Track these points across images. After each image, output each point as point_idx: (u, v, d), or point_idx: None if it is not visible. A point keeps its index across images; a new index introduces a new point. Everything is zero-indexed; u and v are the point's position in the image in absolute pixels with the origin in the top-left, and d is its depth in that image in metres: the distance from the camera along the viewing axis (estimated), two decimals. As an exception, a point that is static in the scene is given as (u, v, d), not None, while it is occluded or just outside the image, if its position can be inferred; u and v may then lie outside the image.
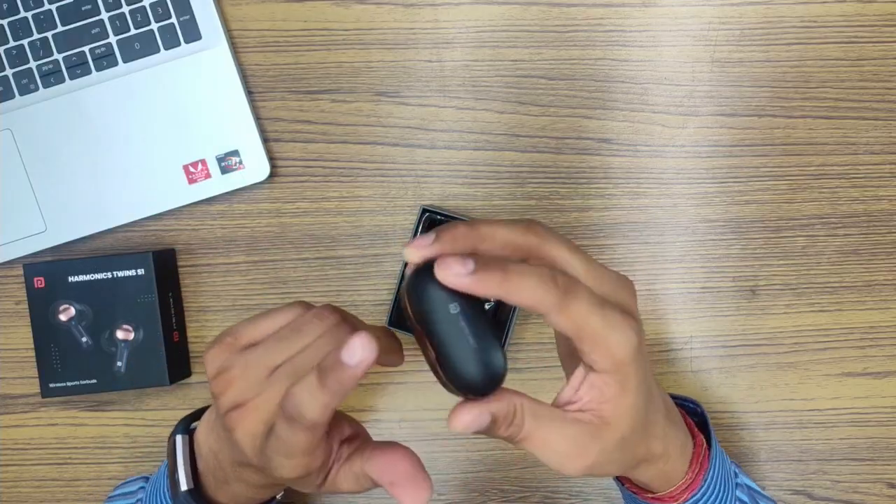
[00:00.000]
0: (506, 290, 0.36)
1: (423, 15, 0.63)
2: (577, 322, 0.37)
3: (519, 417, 0.38)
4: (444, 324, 0.36)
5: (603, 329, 0.37)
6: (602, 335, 0.37)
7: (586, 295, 0.37)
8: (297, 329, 0.41)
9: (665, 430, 0.44)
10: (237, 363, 0.41)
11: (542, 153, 0.64)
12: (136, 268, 0.61)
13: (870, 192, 0.64)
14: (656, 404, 0.43)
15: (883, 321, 0.65)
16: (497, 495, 0.66)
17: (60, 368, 0.62)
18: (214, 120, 0.63)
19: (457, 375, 0.37)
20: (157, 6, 0.62)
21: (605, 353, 0.38)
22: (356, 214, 0.64)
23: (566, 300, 0.36)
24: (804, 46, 0.63)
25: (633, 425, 0.40)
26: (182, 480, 0.47)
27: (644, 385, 0.40)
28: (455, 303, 0.36)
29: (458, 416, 0.37)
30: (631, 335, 0.38)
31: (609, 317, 0.37)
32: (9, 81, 0.63)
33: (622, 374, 0.38)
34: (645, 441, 0.42)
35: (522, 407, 0.38)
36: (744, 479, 0.53)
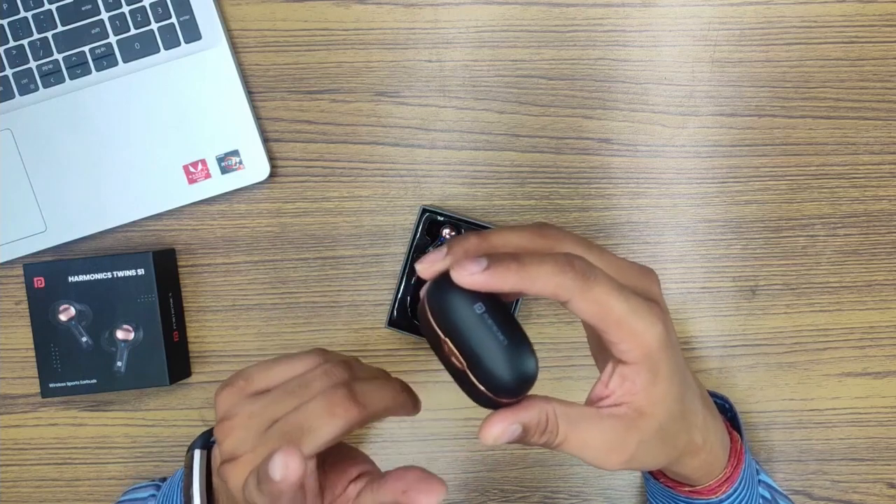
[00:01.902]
0: (523, 279, 0.35)
1: (423, 15, 0.63)
2: (601, 307, 0.36)
3: (552, 424, 0.38)
4: (472, 325, 0.35)
5: (628, 315, 0.37)
6: (627, 321, 0.37)
7: (607, 280, 0.37)
8: (304, 384, 0.41)
9: (705, 421, 0.43)
10: (242, 411, 0.41)
11: (542, 153, 0.64)
12: (136, 268, 0.61)
13: (870, 192, 0.64)
14: (693, 394, 0.42)
15: (883, 321, 0.65)
16: (497, 495, 0.66)
17: (60, 368, 0.62)
18: (214, 120, 0.63)
19: (490, 375, 0.36)
20: (157, 6, 0.62)
21: (633, 340, 0.37)
22: (356, 214, 0.64)
23: (587, 284, 0.36)
24: (804, 46, 0.63)
25: (669, 414, 0.39)
26: (196, 496, 0.47)
27: (678, 374, 0.39)
28: (479, 303, 0.36)
29: (489, 427, 0.37)
30: (657, 322, 0.37)
31: (633, 303, 0.37)
32: (9, 81, 0.63)
33: (652, 361, 0.38)
34: (686, 431, 0.42)
35: (555, 413, 0.38)
36: (764, 477, 0.53)
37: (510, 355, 0.36)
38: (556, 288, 0.36)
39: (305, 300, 0.65)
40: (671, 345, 0.39)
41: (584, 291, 0.36)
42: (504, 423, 0.36)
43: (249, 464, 0.40)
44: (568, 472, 0.65)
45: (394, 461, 0.65)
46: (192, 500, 0.47)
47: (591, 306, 0.36)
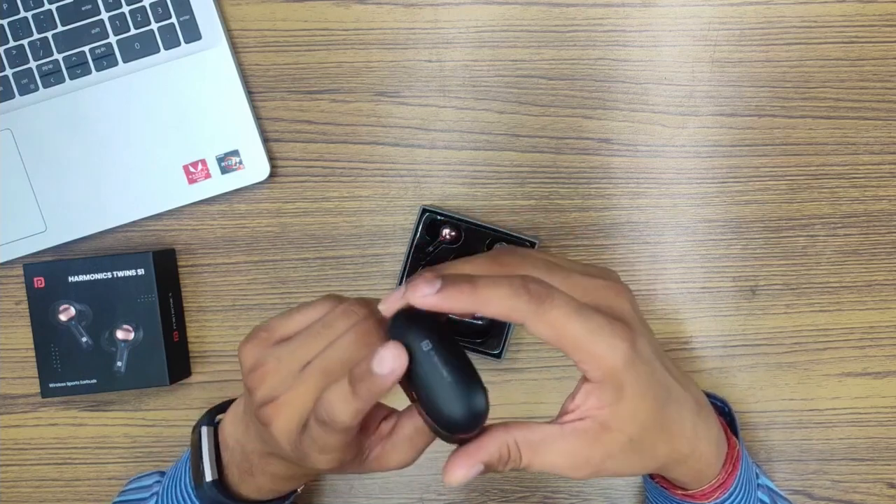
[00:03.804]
0: (475, 301, 0.36)
1: (423, 15, 0.63)
2: (557, 329, 0.37)
3: (514, 454, 0.39)
4: (420, 362, 0.36)
5: (586, 336, 0.37)
6: (586, 343, 0.37)
7: (564, 301, 0.37)
8: (328, 325, 0.41)
9: (695, 430, 0.43)
10: (270, 358, 0.41)
11: (542, 153, 0.64)
12: (136, 268, 0.61)
13: (870, 192, 0.64)
14: (679, 404, 0.42)
15: (883, 321, 0.65)
16: (497, 495, 0.66)
17: (60, 368, 0.62)
18: (214, 120, 0.63)
19: (440, 413, 0.36)
20: (157, 6, 0.62)
21: (592, 361, 0.38)
22: (356, 214, 0.64)
23: (542, 307, 0.36)
24: (804, 46, 0.63)
25: (642, 427, 0.40)
26: (207, 471, 0.47)
27: (652, 388, 0.39)
28: (427, 340, 0.36)
29: (451, 471, 0.38)
30: (618, 342, 0.38)
31: (592, 323, 0.37)
32: (9, 81, 0.63)
33: (615, 380, 0.38)
34: (666, 442, 0.41)
35: (515, 443, 0.39)
36: (764, 480, 0.53)
37: (456, 393, 0.36)
38: (509, 311, 0.36)
39: (305, 300, 0.65)
40: (641, 361, 0.39)
41: (539, 315, 0.36)
42: (465, 466, 0.38)
43: (290, 404, 0.40)
44: (568, 472, 0.65)
45: (394, 461, 0.65)
46: (203, 474, 0.47)
47: (547, 329, 0.37)
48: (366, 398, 0.37)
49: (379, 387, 0.36)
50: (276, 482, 0.47)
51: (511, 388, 0.65)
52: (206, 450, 0.48)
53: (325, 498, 0.66)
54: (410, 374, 0.36)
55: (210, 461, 0.48)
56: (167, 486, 0.52)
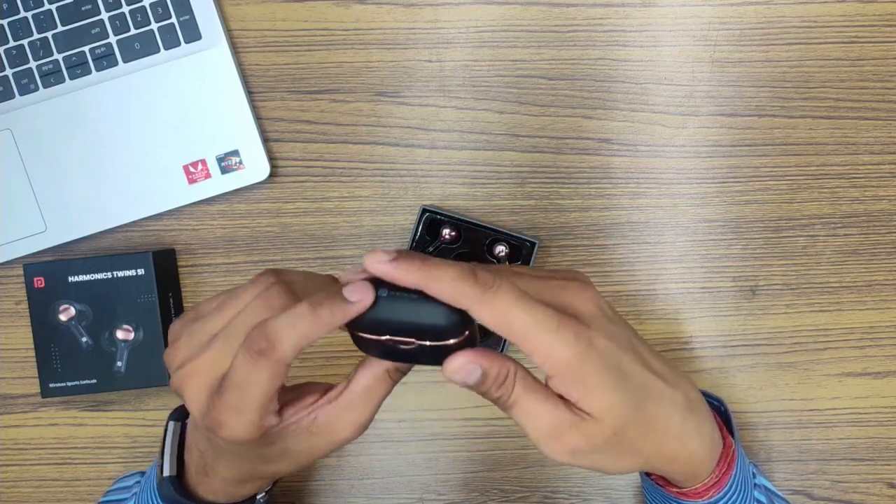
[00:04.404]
0: (423, 277, 0.37)
1: (423, 15, 0.63)
2: (502, 317, 0.37)
3: (510, 382, 0.39)
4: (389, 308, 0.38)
5: (531, 326, 0.37)
6: (532, 335, 0.38)
7: (511, 291, 0.38)
8: (236, 296, 0.41)
9: (683, 428, 0.43)
10: (184, 333, 0.42)
11: (542, 153, 0.64)
12: (136, 268, 0.61)
13: (870, 192, 0.64)
14: (662, 401, 0.42)
15: (883, 321, 0.65)
16: (497, 495, 0.66)
17: (60, 368, 0.62)
18: (214, 120, 0.63)
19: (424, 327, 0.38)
20: (157, 6, 0.62)
21: (541, 354, 0.38)
22: (356, 214, 0.64)
23: (486, 293, 0.37)
24: (804, 46, 0.63)
25: (623, 422, 0.40)
26: (165, 466, 0.48)
27: (620, 383, 0.39)
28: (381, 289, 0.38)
29: (451, 361, 0.39)
30: (567, 335, 0.38)
31: (538, 314, 0.38)
32: (9, 81, 0.63)
33: (573, 374, 0.38)
34: (651, 440, 0.41)
35: (515, 374, 0.39)
36: (761, 480, 0.52)
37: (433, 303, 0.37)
38: (454, 292, 0.37)
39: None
40: (598, 355, 0.39)
41: (484, 301, 0.37)
42: (465, 359, 0.38)
43: (198, 369, 0.40)
44: (568, 472, 0.65)
45: (394, 461, 0.65)
46: (164, 464, 0.48)
47: (492, 316, 0.37)
48: (320, 324, 0.38)
49: (340, 315, 0.37)
50: (228, 485, 0.46)
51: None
52: (168, 445, 0.49)
53: (325, 498, 0.66)
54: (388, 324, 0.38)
55: (170, 457, 0.48)
56: (143, 486, 0.52)
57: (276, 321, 0.38)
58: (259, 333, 0.38)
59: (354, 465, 0.65)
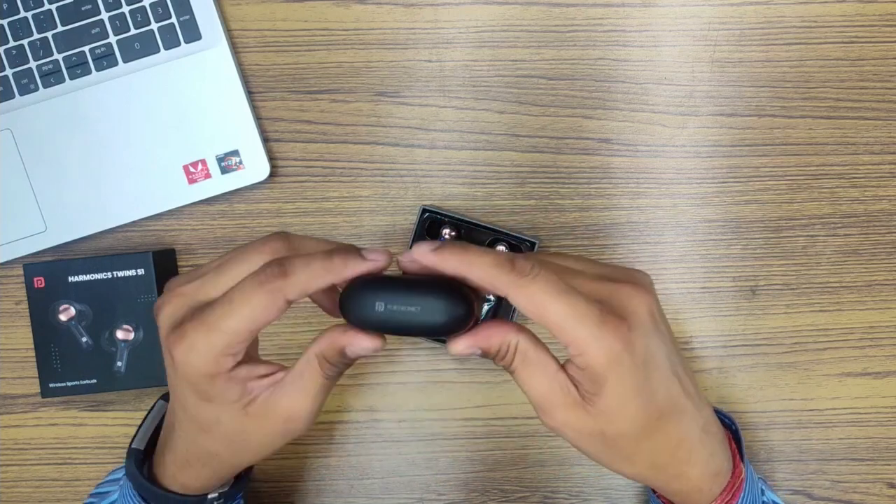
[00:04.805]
0: (462, 263, 0.38)
1: (423, 15, 0.63)
2: (538, 306, 0.37)
3: (510, 356, 0.40)
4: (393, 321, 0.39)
5: (568, 320, 0.37)
6: (568, 327, 0.37)
7: (550, 280, 0.37)
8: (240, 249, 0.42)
9: (690, 454, 0.42)
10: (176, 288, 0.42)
11: (542, 153, 0.64)
12: (136, 268, 0.61)
13: (870, 192, 0.64)
14: (679, 423, 0.41)
15: (883, 321, 0.65)
16: (497, 495, 0.66)
17: (60, 368, 0.62)
18: (214, 120, 0.63)
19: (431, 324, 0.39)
20: (157, 6, 0.62)
21: (575, 346, 0.38)
22: (356, 214, 0.64)
23: (523, 280, 0.37)
24: (804, 46, 0.63)
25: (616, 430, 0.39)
26: (137, 438, 0.49)
27: (640, 396, 0.39)
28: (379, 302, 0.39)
29: (455, 344, 0.40)
30: (606, 335, 0.37)
31: (579, 308, 0.37)
32: (9, 81, 0.63)
33: (595, 374, 0.38)
34: (648, 455, 0.41)
35: (516, 347, 0.40)
36: (770, 496, 0.51)
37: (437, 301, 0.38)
38: (491, 279, 0.37)
39: (305, 300, 0.65)
40: (634, 363, 0.38)
41: (520, 287, 0.37)
42: (466, 343, 0.40)
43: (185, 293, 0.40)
44: (568, 472, 0.65)
45: (394, 461, 0.65)
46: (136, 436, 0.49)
47: (527, 303, 0.37)
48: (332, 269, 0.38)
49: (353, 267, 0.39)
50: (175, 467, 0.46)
51: (512, 386, 0.65)
52: (146, 420, 0.50)
53: (325, 498, 0.66)
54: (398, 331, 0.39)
55: (144, 431, 0.49)
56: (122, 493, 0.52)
57: (293, 258, 0.39)
58: (276, 262, 0.38)
59: (354, 465, 0.65)
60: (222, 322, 0.38)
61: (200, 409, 0.41)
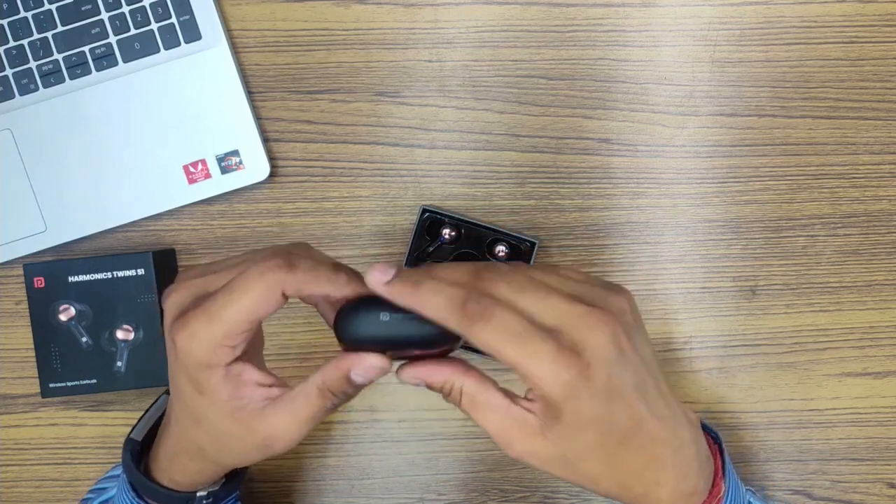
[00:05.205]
0: (414, 302, 0.38)
1: (423, 15, 0.63)
2: (489, 347, 0.38)
3: (455, 397, 0.41)
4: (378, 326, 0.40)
5: (522, 359, 0.37)
6: (522, 365, 0.38)
7: (502, 324, 0.37)
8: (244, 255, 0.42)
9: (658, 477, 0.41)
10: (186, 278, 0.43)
11: (542, 153, 0.64)
12: (136, 268, 0.61)
13: (870, 192, 0.64)
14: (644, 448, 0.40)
15: (883, 321, 0.65)
16: (497, 495, 0.66)
17: (60, 368, 0.62)
18: (214, 120, 0.63)
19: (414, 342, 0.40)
20: (157, 6, 0.62)
21: (530, 381, 0.38)
22: (356, 214, 0.64)
23: (474, 326, 0.37)
24: (804, 46, 0.63)
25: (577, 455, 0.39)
26: (136, 429, 0.49)
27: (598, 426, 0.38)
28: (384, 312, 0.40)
29: (402, 370, 0.41)
30: (560, 371, 0.37)
31: (529, 348, 0.37)
32: (9, 81, 0.63)
33: (550, 407, 0.38)
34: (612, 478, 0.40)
35: (461, 391, 0.41)
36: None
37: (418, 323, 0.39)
38: (443, 321, 0.38)
39: (305, 300, 0.65)
40: (590, 395, 0.38)
41: (472, 333, 0.37)
42: (411, 376, 0.41)
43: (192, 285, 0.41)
44: (568, 472, 0.65)
45: (394, 461, 0.65)
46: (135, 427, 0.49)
47: (481, 344, 0.38)
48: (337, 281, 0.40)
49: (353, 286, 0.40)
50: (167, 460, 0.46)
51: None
52: (148, 413, 0.50)
53: (325, 498, 0.66)
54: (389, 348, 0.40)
55: (144, 422, 0.50)
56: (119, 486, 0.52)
57: (302, 256, 0.39)
58: (284, 254, 0.39)
59: (354, 465, 0.65)
60: (222, 311, 0.39)
61: (194, 400, 0.41)
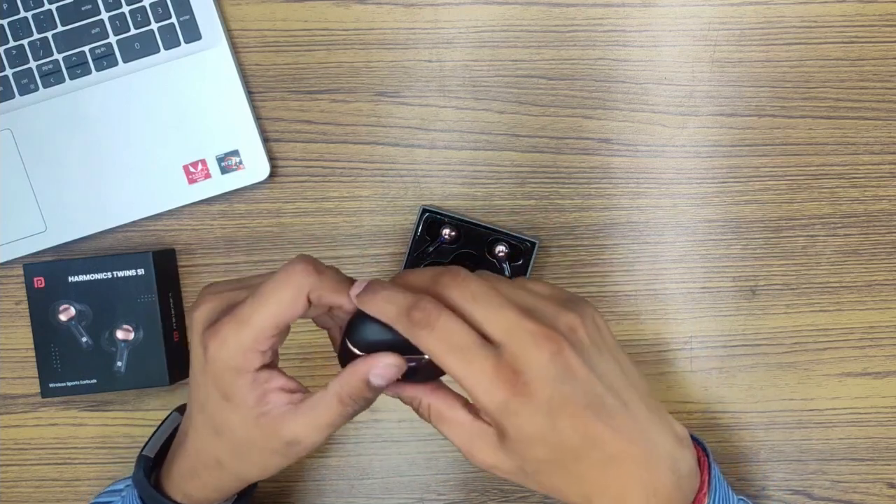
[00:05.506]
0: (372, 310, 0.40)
1: (423, 15, 0.63)
2: (434, 356, 0.39)
3: (425, 412, 0.43)
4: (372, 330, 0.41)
5: (460, 373, 0.38)
6: (462, 379, 0.39)
7: (445, 334, 0.38)
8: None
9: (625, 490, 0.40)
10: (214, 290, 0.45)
11: (542, 153, 0.64)
12: (136, 268, 0.61)
13: (870, 192, 0.64)
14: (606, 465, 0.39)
15: (883, 321, 0.65)
16: (497, 495, 0.66)
17: (60, 368, 0.62)
18: (214, 120, 0.63)
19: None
20: (157, 6, 0.62)
21: (471, 396, 0.39)
22: (356, 214, 0.64)
23: (419, 334, 0.39)
24: (804, 46, 0.63)
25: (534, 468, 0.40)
26: (149, 446, 0.50)
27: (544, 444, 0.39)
28: None
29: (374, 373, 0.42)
30: (495, 391, 0.38)
31: (473, 366, 0.38)
32: (9, 81, 0.63)
33: (494, 422, 0.40)
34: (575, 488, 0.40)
35: (428, 407, 0.43)
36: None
37: None
38: (395, 326, 0.39)
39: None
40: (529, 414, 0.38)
41: (416, 339, 0.39)
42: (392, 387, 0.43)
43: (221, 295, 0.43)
44: (568, 472, 0.65)
45: (394, 461, 0.65)
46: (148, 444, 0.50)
47: (427, 352, 0.39)
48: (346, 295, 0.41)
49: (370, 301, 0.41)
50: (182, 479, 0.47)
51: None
52: (159, 430, 0.51)
53: (326, 498, 0.66)
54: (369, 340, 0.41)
55: (155, 440, 0.50)
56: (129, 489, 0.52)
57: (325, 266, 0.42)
58: (311, 260, 0.41)
59: (354, 465, 0.65)
60: (252, 316, 0.40)
61: (219, 408, 0.42)
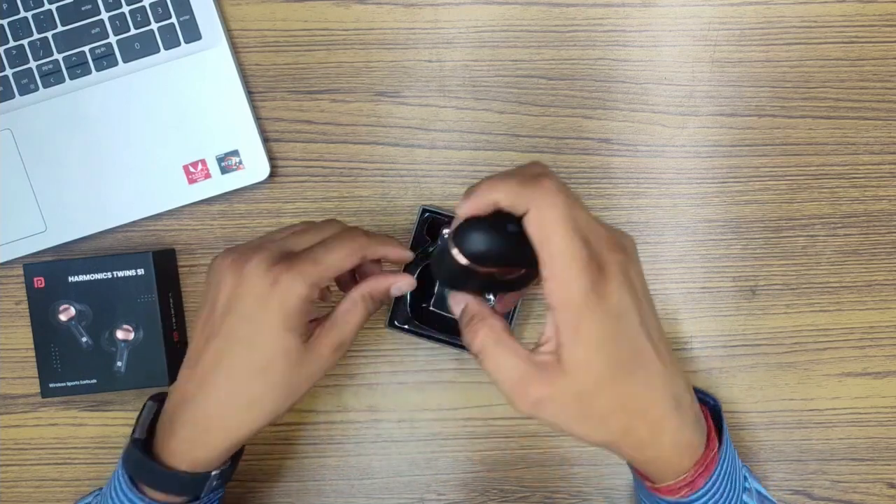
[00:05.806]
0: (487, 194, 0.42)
1: (423, 15, 0.63)
2: (544, 230, 0.39)
3: (476, 322, 0.44)
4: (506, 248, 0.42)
5: (563, 253, 0.39)
6: (560, 259, 0.39)
7: (560, 204, 0.39)
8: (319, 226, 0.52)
9: (663, 420, 0.42)
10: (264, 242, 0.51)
11: (542, 153, 0.64)
12: (136, 268, 0.61)
13: (870, 192, 0.64)
14: (650, 386, 0.42)
15: (883, 321, 0.65)
16: (497, 495, 0.66)
17: (60, 368, 0.62)
18: (214, 120, 0.63)
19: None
20: (157, 6, 0.62)
21: (555, 280, 0.39)
22: (356, 214, 0.64)
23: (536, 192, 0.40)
24: (804, 46, 0.63)
25: (594, 384, 0.40)
26: (137, 430, 0.51)
27: (613, 346, 0.40)
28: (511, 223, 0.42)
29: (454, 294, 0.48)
30: (583, 276, 0.39)
31: (574, 249, 0.39)
32: (9, 81, 0.63)
33: (571, 313, 0.39)
34: (621, 416, 0.41)
35: (484, 321, 0.44)
36: (753, 484, 0.52)
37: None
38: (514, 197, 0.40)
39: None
40: (606, 310, 0.39)
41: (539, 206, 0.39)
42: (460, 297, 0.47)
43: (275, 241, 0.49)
44: (568, 472, 0.65)
45: (394, 461, 0.65)
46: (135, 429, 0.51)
47: (538, 226, 0.39)
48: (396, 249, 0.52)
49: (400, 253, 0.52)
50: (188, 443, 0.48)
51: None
52: (142, 417, 0.52)
53: (326, 498, 0.66)
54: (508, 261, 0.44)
55: (142, 425, 0.51)
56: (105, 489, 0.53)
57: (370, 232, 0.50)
58: (359, 228, 0.50)
59: (354, 465, 0.65)
60: (325, 258, 0.47)
61: (280, 338, 0.46)
